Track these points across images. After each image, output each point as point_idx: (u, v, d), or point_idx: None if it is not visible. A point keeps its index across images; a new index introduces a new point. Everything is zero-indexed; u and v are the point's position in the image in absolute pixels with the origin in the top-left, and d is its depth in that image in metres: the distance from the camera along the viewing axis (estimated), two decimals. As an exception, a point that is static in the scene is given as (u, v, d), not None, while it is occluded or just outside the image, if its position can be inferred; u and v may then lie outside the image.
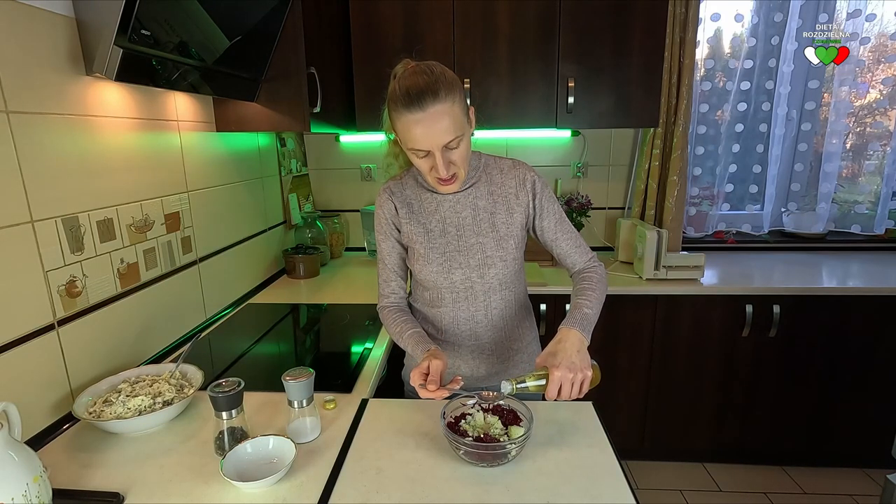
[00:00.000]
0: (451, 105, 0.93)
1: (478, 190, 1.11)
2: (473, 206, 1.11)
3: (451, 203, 1.11)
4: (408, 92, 0.92)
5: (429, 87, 0.92)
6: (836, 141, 2.28)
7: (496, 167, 1.14)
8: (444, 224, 1.11)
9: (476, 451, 0.85)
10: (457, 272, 1.10)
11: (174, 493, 0.82)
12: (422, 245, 1.11)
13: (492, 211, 1.11)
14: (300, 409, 0.93)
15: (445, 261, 1.10)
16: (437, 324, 1.17)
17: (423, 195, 1.13)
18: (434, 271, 1.10)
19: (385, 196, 1.14)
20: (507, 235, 1.11)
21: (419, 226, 1.12)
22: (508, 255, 1.11)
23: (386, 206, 1.14)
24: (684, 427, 2.09)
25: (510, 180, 1.12)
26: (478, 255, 1.10)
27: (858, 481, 2.04)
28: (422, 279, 1.14)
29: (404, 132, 0.96)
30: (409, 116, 0.93)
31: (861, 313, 1.89)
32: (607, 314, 1.94)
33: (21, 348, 0.95)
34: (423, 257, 1.11)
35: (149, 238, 1.32)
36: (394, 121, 0.98)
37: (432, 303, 1.16)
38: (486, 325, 1.15)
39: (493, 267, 1.10)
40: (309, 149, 2.46)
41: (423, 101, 0.91)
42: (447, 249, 1.10)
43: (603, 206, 2.41)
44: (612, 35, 1.88)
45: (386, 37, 1.93)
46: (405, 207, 1.13)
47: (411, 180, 1.15)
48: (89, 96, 1.11)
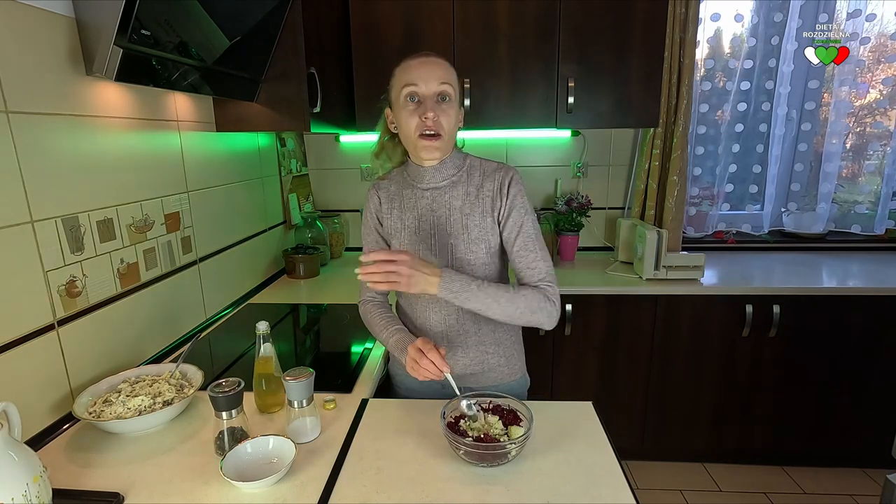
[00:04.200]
0: (449, 69, 1.05)
1: (456, 190, 1.10)
2: (449, 205, 1.10)
3: (429, 201, 1.11)
4: (413, 54, 1.06)
5: (433, 53, 1.06)
6: (836, 141, 2.28)
7: (480, 169, 1.11)
8: (420, 221, 1.11)
9: (476, 451, 0.85)
10: None
11: (174, 493, 0.82)
12: (397, 241, 1.13)
13: (467, 213, 1.08)
14: (300, 409, 0.93)
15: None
16: (412, 322, 1.18)
17: (405, 191, 1.13)
18: None
19: (372, 192, 1.18)
20: (478, 239, 1.08)
21: (398, 220, 1.13)
22: (478, 259, 1.08)
23: (372, 200, 1.17)
24: (684, 427, 2.09)
25: (490, 183, 1.08)
26: (447, 257, 1.09)
27: (858, 481, 2.04)
28: None
29: (403, 74, 1.04)
30: (410, 61, 1.04)
31: (861, 313, 1.89)
32: (607, 314, 1.97)
33: (21, 348, 0.95)
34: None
35: (149, 238, 1.32)
36: (395, 80, 1.06)
37: (410, 301, 1.17)
38: (457, 330, 1.13)
39: (461, 270, 1.07)
40: (309, 149, 2.46)
41: (428, 54, 1.05)
42: (420, 248, 1.10)
43: (603, 206, 2.41)
44: (612, 35, 1.88)
45: (386, 37, 1.93)
46: (388, 202, 1.15)
47: (398, 176, 1.17)
48: (89, 96, 1.11)
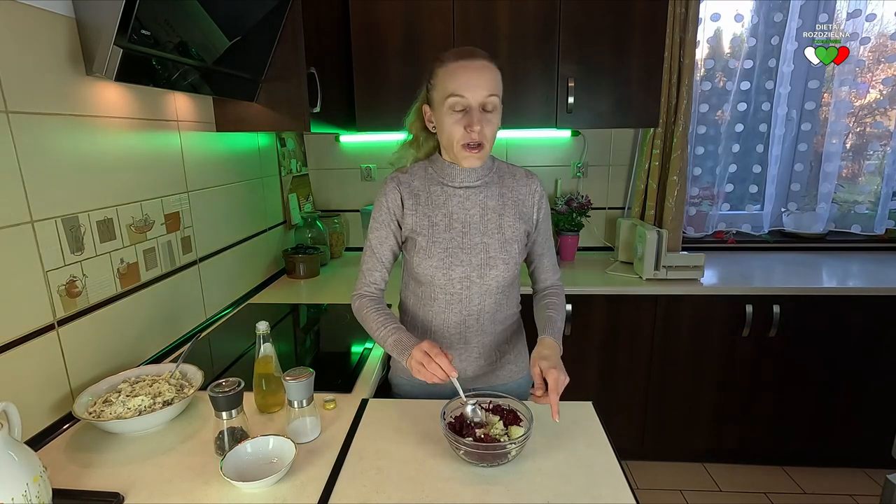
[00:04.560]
0: (496, 73, 1.01)
1: (489, 189, 1.11)
2: (483, 204, 1.10)
3: (461, 199, 1.10)
4: (460, 50, 1.01)
5: (480, 50, 1.02)
6: (836, 141, 2.28)
7: (509, 173, 1.16)
8: (451, 219, 1.09)
9: (476, 451, 0.85)
10: (457, 269, 1.09)
11: (174, 493, 0.82)
12: (424, 238, 1.09)
13: (500, 213, 1.11)
14: (300, 409, 0.93)
15: (447, 256, 1.08)
16: (426, 323, 1.16)
17: (432, 187, 1.11)
18: (433, 266, 1.08)
19: (392, 185, 1.11)
20: (511, 239, 1.10)
21: (424, 218, 1.10)
22: (511, 258, 1.10)
23: (391, 195, 1.11)
24: (684, 427, 2.09)
25: (522, 188, 1.14)
26: (480, 255, 1.09)
27: (858, 481, 2.04)
28: (419, 273, 1.11)
29: (448, 79, 0.99)
30: (458, 63, 0.99)
31: (861, 313, 1.89)
32: (607, 314, 1.97)
33: (21, 348, 0.95)
34: (424, 250, 1.08)
35: (149, 238, 1.32)
36: (438, 77, 1.02)
37: (424, 301, 1.15)
38: (476, 330, 1.14)
39: (494, 268, 1.09)
40: (309, 149, 2.46)
41: (474, 55, 1.00)
42: (450, 245, 1.09)
43: (603, 206, 2.41)
44: (612, 35, 1.88)
45: (386, 37, 1.93)
46: (412, 198, 1.10)
47: (420, 172, 1.13)
48: (89, 96, 1.11)
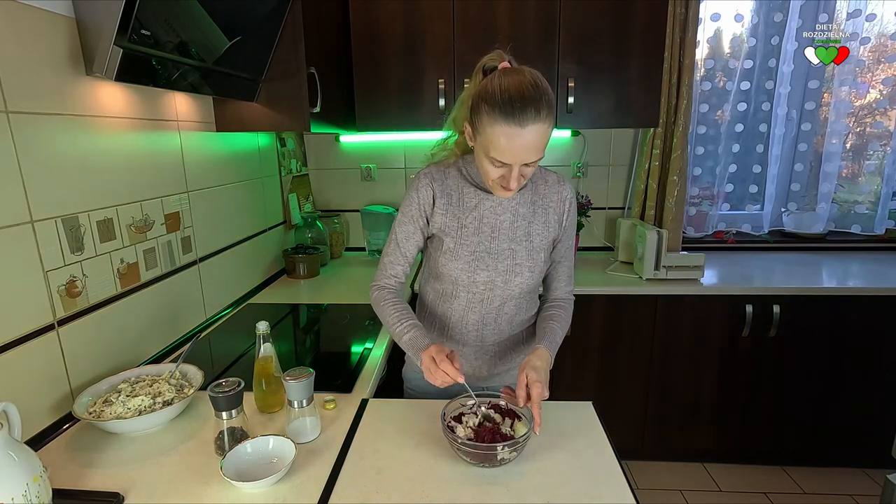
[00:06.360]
0: (547, 126, 0.92)
1: (522, 196, 1.09)
2: (514, 211, 1.09)
3: (492, 204, 1.08)
4: (511, 100, 0.88)
5: (533, 103, 0.88)
6: (836, 141, 2.28)
7: (542, 178, 1.12)
8: (480, 223, 1.08)
9: (476, 452, 0.85)
10: (482, 273, 1.08)
11: (174, 493, 0.82)
12: (452, 239, 1.08)
13: (530, 220, 1.10)
14: (300, 409, 0.93)
15: (473, 259, 1.08)
16: (444, 319, 1.16)
17: (465, 188, 1.09)
18: (459, 268, 1.08)
19: (426, 181, 1.09)
20: (539, 247, 1.10)
21: (454, 219, 1.08)
22: (537, 266, 1.10)
23: (423, 191, 1.08)
24: (684, 427, 2.09)
25: (554, 195, 1.11)
26: (507, 261, 1.08)
27: (858, 481, 2.04)
28: (443, 273, 1.11)
29: (493, 139, 0.91)
30: (506, 128, 0.89)
31: (861, 313, 1.89)
32: (607, 314, 1.97)
33: (21, 348, 0.95)
34: (451, 251, 1.08)
35: (149, 238, 1.32)
36: (482, 122, 0.92)
37: (444, 296, 1.15)
38: (493, 329, 1.15)
39: (519, 275, 1.09)
40: (309, 149, 2.46)
41: (524, 117, 0.88)
42: (478, 249, 1.08)
43: (603, 206, 2.41)
44: (612, 35, 1.88)
45: (386, 37, 1.93)
46: (444, 197, 1.08)
47: (455, 171, 1.11)
48: (89, 96, 1.11)
